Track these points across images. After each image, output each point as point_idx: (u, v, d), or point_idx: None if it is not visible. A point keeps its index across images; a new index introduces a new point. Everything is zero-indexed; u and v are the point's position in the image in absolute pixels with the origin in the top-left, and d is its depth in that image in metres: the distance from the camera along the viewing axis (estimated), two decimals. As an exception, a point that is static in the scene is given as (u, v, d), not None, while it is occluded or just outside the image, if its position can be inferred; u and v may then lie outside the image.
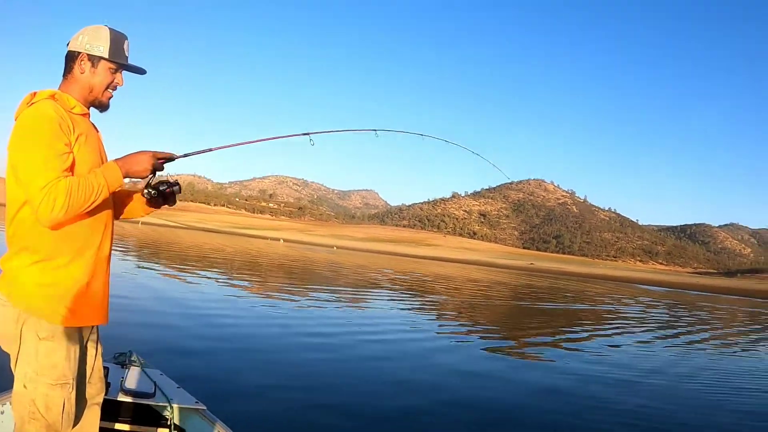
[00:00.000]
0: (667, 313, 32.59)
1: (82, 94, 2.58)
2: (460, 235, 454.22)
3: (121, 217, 2.91)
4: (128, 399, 3.83)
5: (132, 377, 4.11)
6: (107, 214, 2.64)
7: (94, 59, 2.56)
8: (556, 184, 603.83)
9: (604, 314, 26.77)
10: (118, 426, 3.88)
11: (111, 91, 2.66)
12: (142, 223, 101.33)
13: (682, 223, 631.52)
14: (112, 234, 2.71)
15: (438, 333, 14.50)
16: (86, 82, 2.57)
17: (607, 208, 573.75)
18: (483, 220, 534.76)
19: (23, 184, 2.29)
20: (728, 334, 23.47)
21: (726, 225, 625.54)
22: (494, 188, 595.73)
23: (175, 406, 3.83)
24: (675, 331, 22.15)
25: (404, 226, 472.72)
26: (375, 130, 3.69)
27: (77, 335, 2.52)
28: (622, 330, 19.79)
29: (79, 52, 2.55)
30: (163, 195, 2.75)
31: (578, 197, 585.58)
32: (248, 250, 54.78)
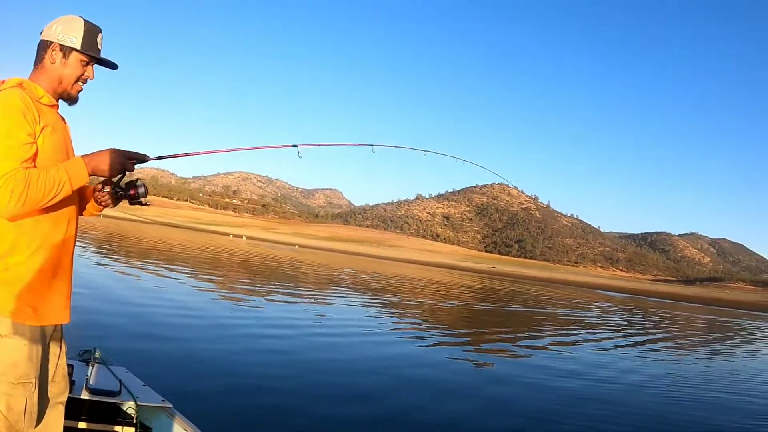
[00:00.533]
0: (624, 318, 33.24)
1: (51, 85, 2.50)
2: (423, 237, 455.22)
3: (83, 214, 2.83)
4: (93, 397, 3.76)
5: (96, 375, 4.06)
6: (71, 209, 2.55)
7: (65, 50, 2.49)
8: (519, 189, 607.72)
9: (563, 317, 27.28)
10: (82, 425, 3.82)
11: (81, 84, 2.58)
12: (104, 215, 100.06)
13: (643, 231, 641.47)
14: (77, 230, 2.62)
15: (393, 329, 14.81)
16: (56, 72, 2.50)
17: (569, 214, 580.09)
18: (446, 223, 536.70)
19: None
20: (680, 337, 24.12)
21: (686, 234, 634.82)
22: (458, 191, 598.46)
23: (140, 404, 3.78)
24: (628, 333, 22.69)
25: (367, 227, 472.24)
26: (372, 145, 3.50)
27: (39, 333, 2.42)
28: (578, 332, 20.28)
29: (51, 42, 2.49)
30: (128, 196, 2.65)
31: (541, 203, 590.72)
32: (211, 247, 54.54)
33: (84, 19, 2.54)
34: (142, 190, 2.63)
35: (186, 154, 2.83)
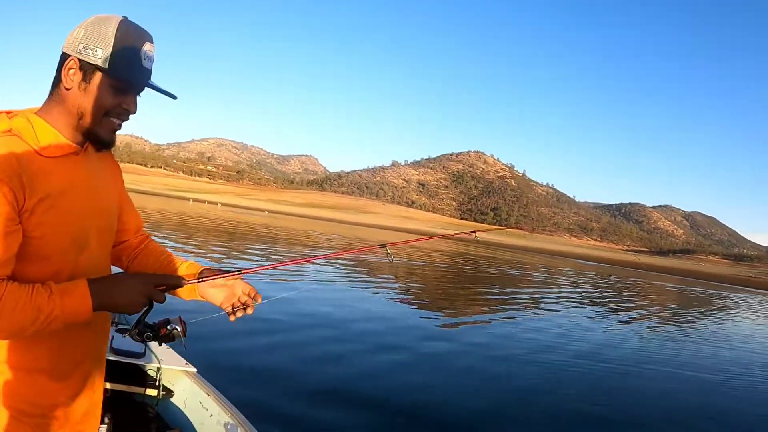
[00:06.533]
0: (596, 285, 33.59)
1: (68, 122, 1.55)
2: (399, 203, 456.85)
3: None
4: (117, 358, 3.77)
5: (121, 336, 4.00)
6: (100, 318, 1.68)
7: (86, 69, 1.51)
8: (495, 157, 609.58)
9: (534, 282, 27.38)
10: (105, 385, 3.55)
11: (115, 120, 1.59)
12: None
13: (618, 202, 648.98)
14: (103, 349, 1.79)
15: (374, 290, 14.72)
16: (74, 102, 1.53)
17: (545, 183, 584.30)
18: (422, 190, 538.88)
19: None
20: (646, 305, 24.31)
21: (660, 206, 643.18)
22: (434, 158, 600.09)
23: (164, 366, 3.80)
24: (596, 300, 22.86)
25: (343, 193, 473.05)
26: (474, 232, 2.80)
27: None
28: (548, 296, 20.38)
29: (69, 56, 1.52)
30: (158, 338, 1.70)
31: (517, 171, 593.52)
32: (185, 213, 53.92)
33: (122, 21, 1.54)
34: (178, 329, 1.71)
35: (240, 272, 1.81)
